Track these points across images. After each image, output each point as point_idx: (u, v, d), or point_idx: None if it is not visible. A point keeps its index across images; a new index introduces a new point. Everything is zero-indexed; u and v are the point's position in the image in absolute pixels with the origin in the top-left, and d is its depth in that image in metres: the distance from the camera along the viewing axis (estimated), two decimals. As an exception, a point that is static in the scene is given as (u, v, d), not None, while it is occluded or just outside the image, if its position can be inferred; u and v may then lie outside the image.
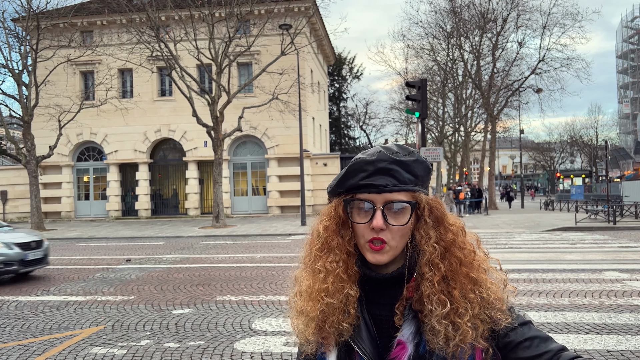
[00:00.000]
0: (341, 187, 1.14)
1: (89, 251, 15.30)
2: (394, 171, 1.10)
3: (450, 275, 1.08)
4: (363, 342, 1.10)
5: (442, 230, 1.11)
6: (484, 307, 1.07)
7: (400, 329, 1.09)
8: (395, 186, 1.09)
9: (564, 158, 69.69)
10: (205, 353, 5.38)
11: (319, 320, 1.13)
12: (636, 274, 9.06)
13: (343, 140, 50.84)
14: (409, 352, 1.07)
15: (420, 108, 14.24)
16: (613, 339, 5.46)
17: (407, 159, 1.11)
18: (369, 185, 1.09)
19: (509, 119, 42.50)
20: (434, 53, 34.92)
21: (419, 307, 1.09)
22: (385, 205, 1.08)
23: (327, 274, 1.12)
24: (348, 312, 1.11)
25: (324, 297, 1.12)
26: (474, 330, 1.05)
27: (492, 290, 1.09)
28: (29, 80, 23.35)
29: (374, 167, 1.10)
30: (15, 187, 30.11)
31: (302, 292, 1.17)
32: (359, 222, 1.10)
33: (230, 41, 21.50)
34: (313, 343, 1.15)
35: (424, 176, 1.13)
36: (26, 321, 6.92)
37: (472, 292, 1.07)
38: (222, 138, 22.13)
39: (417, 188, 1.11)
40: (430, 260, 1.08)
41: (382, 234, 1.08)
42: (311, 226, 1.22)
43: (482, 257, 1.14)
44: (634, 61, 56.04)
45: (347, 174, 1.13)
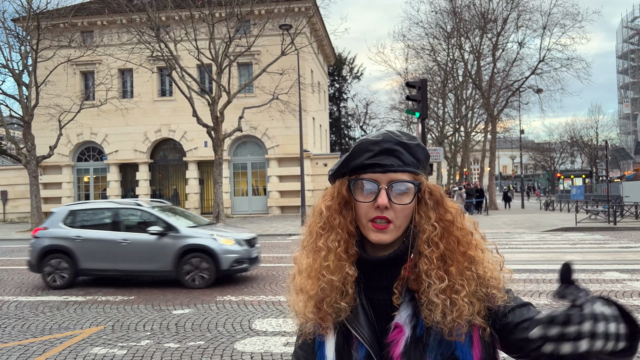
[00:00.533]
0: (345, 167, 1.15)
1: (89, 251, 15.27)
2: (398, 152, 1.12)
3: (448, 254, 1.10)
4: (361, 326, 1.11)
5: (441, 211, 1.13)
6: (481, 285, 1.09)
7: (398, 312, 1.10)
8: (400, 167, 1.11)
9: (564, 158, 69.64)
10: (206, 353, 5.38)
11: (318, 298, 1.14)
12: (636, 275, 9.05)
13: (343, 141, 50.85)
14: (406, 335, 1.08)
15: (420, 108, 14.23)
16: (613, 340, 5.45)
17: (410, 142, 1.14)
18: (374, 165, 1.11)
19: (509, 119, 42.49)
20: (434, 53, 34.92)
21: (415, 287, 1.10)
22: (389, 185, 1.10)
23: (328, 252, 1.14)
24: (346, 291, 1.12)
25: (325, 274, 1.13)
26: (471, 307, 1.06)
27: (489, 268, 1.11)
28: (29, 80, 23.35)
29: (379, 147, 1.12)
30: (16, 187, 30.12)
31: (301, 271, 1.19)
32: (362, 201, 1.12)
33: (230, 41, 21.50)
34: (312, 321, 1.16)
35: (424, 161, 1.16)
36: (26, 321, 6.92)
37: (469, 270, 1.09)
38: (222, 138, 22.13)
39: (419, 171, 1.14)
40: (429, 238, 1.10)
41: (386, 213, 1.09)
42: (313, 206, 1.23)
43: (479, 239, 1.16)
44: (635, 61, 56.04)
45: (352, 154, 1.15)
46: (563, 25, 31.54)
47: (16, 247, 16.90)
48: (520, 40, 33.13)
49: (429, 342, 1.07)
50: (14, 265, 12.59)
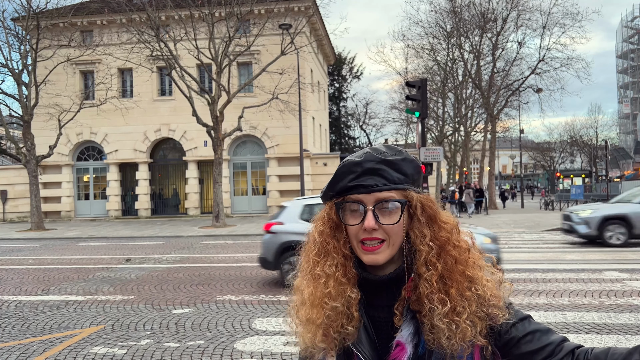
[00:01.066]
0: (332, 191, 1.14)
1: (89, 251, 15.30)
2: (382, 170, 1.09)
3: (447, 275, 1.08)
4: (362, 345, 1.10)
5: (435, 228, 1.11)
6: (481, 305, 1.08)
7: (399, 330, 1.09)
8: (385, 185, 1.09)
9: (563, 158, 69.67)
10: (205, 353, 5.38)
11: (326, 326, 1.12)
12: (636, 274, 9.06)
13: (343, 140, 50.83)
14: (408, 353, 1.07)
15: (420, 108, 14.23)
16: (613, 339, 5.46)
17: (395, 158, 1.11)
18: (358, 187, 1.09)
19: (509, 119, 42.52)
20: (434, 53, 34.91)
21: (417, 308, 1.09)
22: (375, 205, 1.08)
23: (327, 279, 1.12)
24: (352, 315, 1.11)
25: (327, 301, 1.11)
26: (473, 328, 1.05)
27: (488, 287, 1.09)
28: (29, 79, 23.34)
29: (361, 168, 1.10)
30: (15, 187, 30.10)
31: (304, 301, 1.16)
32: (351, 224, 1.10)
33: (230, 41, 21.50)
34: (322, 351, 1.14)
35: (414, 175, 1.13)
36: (26, 321, 6.92)
37: (469, 290, 1.07)
38: (222, 138, 22.13)
39: (408, 186, 1.11)
40: (427, 259, 1.08)
41: (375, 234, 1.08)
42: (307, 233, 1.22)
43: (477, 255, 1.14)
44: (634, 61, 56.04)
45: (335, 177, 1.13)
46: (563, 25, 31.59)
47: (16, 247, 16.91)
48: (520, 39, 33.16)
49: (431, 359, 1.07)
50: (13, 264, 12.59)
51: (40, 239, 19.51)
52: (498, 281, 1.13)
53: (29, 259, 13.56)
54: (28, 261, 13.18)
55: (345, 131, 51.48)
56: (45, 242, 18.40)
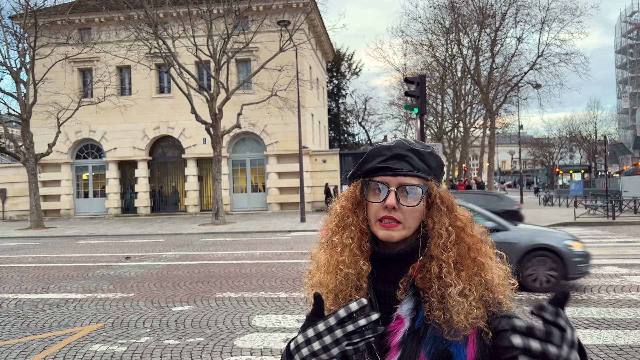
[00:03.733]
0: (360, 170, 1.23)
1: (89, 249, 15.30)
2: (409, 158, 1.18)
3: (459, 260, 1.16)
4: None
5: (452, 217, 1.19)
6: (488, 290, 1.15)
7: (400, 304, 1.16)
8: (410, 171, 1.17)
9: (563, 153, 69.64)
10: (205, 350, 5.39)
11: (337, 291, 1.20)
12: (635, 269, 9.08)
13: (342, 137, 50.82)
14: (405, 326, 1.14)
15: (419, 104, 14.21)
16: (612, 334, 5.47)
17: (423, 150, 1.21)
18: (385, 168, 1.18)
19: (508, 115, 42.49)
20: (433, 49, 34.89)
21: (421, 285, 1.16)
22: (398, 188, 1.16)
23: (343, 248, 1.21)
24: (360, 285, 1.19)
25: (341, 268, 1.19)
26: (477, 310, 1.12)
27: (497, 275, 1.17)
28: (27, 77, 23.29)
29: (391, 152, 1.19)
30: (14, 185, 30.08)
31: (319, 267, 1.25)
32: (373, 202, 1.18)
33: (228, 38, 21.45)
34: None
35: (437, 169, 1.21)
36: (26, 319, 6.92)
37: (477, 276, 1.15)
38: (221, 135, 22.11)
39: (430, 177, 1.19)
40: (445, 243, 1.16)
41: (394, 213, 1.15)
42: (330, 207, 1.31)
43: (488, 247, 1.22)
44: (633, 56, 56.01)
45: (366, 158, 1.23)
46: (561, 20, 31.53)
47: (15, 245, 16.91)
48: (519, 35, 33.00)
49: (425, 335, 1.13)
50: (13, 263, 12.59)
51: (40, 237, 19.51)
52: (507, 275, 1.20)
53: (29, 257, 13.56)
54: (28, 259, 13.18)
55: (344, 128, 51.46)
56: (44, 240, 18.40)
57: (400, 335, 1.14)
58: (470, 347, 1.12)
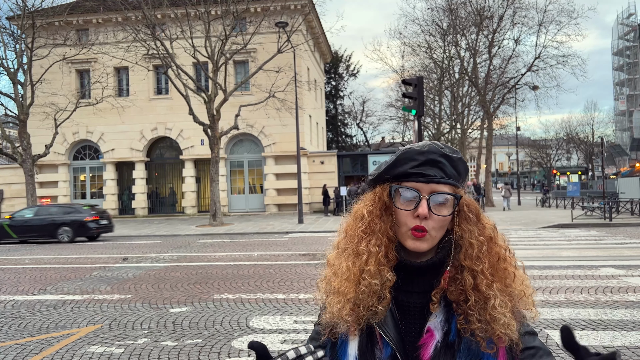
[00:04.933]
0: (388, 174, 1.17)
1: (86, 250, 15.27)
2: (442, 164, 1.13)
3: (492, 271, 1.13)
4: (388, 327, 1.14)
5: (480, 227, 1.16)
6: (517, 302, 1.13)
7: (432, 317, 1.13)
8: (442, 178, 1.13)
9: (560, 155, 69.71)
10: (203, 351, 5.38)
11: (355, 301, 1.14)
12: (632, 270, 9.10)
13: (340, 138, 50.82)
14: (436, 339, 1.11)
15: (416, 106, 14.23)
16: (609, 335, 5.48)
17: (454, 156, 1.16)
18: (417, 174, 1.13)
19: (506, 116, 42.55)
20: (431, 50, 34.92)
21: (454, 298, 1.13)
22: (430, 196, 1.11)
23: (369, 256, 1.15)
24: (384, 295, 1.13)
25: (365, 277, 1.13)
26: (513, 321, 1.10)
27: (525, 285, 1.15)
28: (25, 78, 23.24)
29: (424, 158, 1.13)
30: (12, 186, 30.02)
31: (338, 274, 1.18)
32: (403, 209, 1.13)
33: (226, 39, 21.46)
34: (347, 324, 1.16)
35: (464, 175, 1.18)
36: (23, 320, 6.91)
37: (510, 287, 1.13)
38: (219, 136, 22.10)
39: (460, 184, 1.16)
40: (477, 254, 1.13)
41: (424, 223, 1.10)
42: (352, 209, 1.24)
43: (512, 255, 1.19)
44: (630, 58, 56.18)
45: (397, 161, 1.16)
46: (559, 22, 31.63)
47: (12, 247, 16.87)
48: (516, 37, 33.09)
49: (459, 348, 1.11)
50: (10, 264, 12.56)
51: (37, 238, 19.44)
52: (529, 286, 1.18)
53: (26, 259, 13.53)
54: (25, 261, 13.15)
55: (342, 129, 51.47)
56: (41, 241, 18.35)
57: (432, 349, 1.11)
58: (500, 358, 1.11)
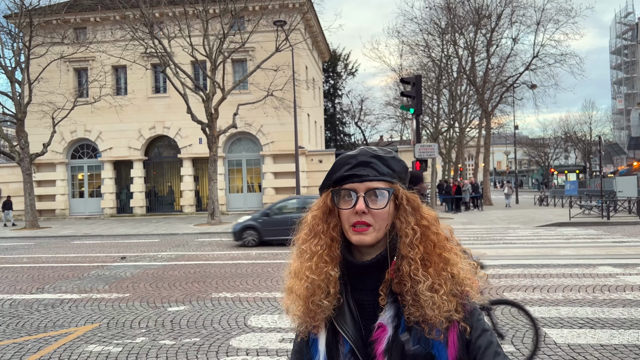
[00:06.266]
0: (329, 180, 1.29)
1: (84, 249, 15.26)
2: (373, 164, 1.25)
3: (426, 257, 1.21)
4: (346, 324, 1.23)
5: (418, 217, 1.25)
6: (455, 284, 1.21)
7: (382, 312, 1.21)
8: (375, 176, 1.23)
9: (558, 154, 69.86)
10: (201, 350, 5.38)
11: (304, 297, 1.25)
12: (629, 269, 9.12)
13: (338, 137, 50.82)
14: (388, 333, 1.19)
15: (415, 104, 14.24)
16: (606, 333, 5.49)
17: (386, 155, 1.27)
18: (352, 176, 1.24)
19: (504, 115, 42.60)
20: (429, 49, 34.88)
21: (398, 289, 1.21)
22: (366, 193, 1.22)
23: (311, 255, 1.26)
24: (329, 291, 1.23)
25: (308, 275, 1.25)
26: (449, 304, 1.18)
27: (463, 269, 1.23)
28: (22, 77, 23.20)
29: (356, 160, 1.26)
30: (9, 185, 29.95)
31: (290, 273, 1.33)
32: (344, 208, 1.24)
33: (224, 38, 21.43)
34: (301, 319, 1.28)
35: (401, 172, 1.28)
36: (21, 319, 6.90)
37: (444, 271, 1.21)
38: (217, 135, 22.08)
39: (395, 180, 1.25)
40: (411, 241, 1.22)
41: (365, 218, 1.21)
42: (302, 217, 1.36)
43: (453, 245, 1.28)
44: (628, 57, 56.24)
45: (333, 168, 1.29)
46: (557, 21, 31.62)
47: (10, 245, 16.84)
48: (514, 36, 33.07)
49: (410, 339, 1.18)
50: (8, 263, 12.54)
51: (35, 237, 19.44)
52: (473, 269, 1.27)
53: (24, 258, 13.51)
54: (22, 260, 13.14)
55: (340, 128, 51.46)
56: (39, 240, 18.34)
57: (385, 343, 1.18)
58: (451, 347, 1.18)
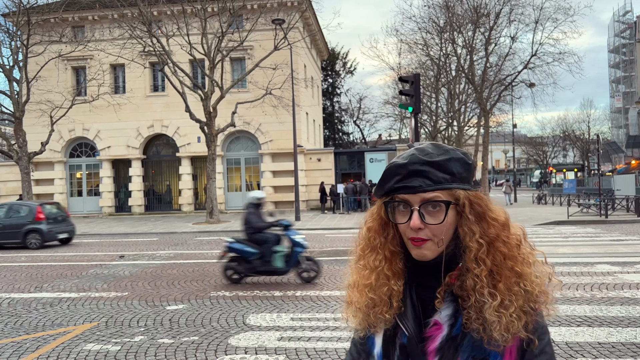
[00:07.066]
0: (381, 190, 1.19)
1: (82, 248, 15.24)
2: (426, 172, 1.13)
3: (495, 270, 1.11)
4: (407, 319, 1.17)
5: (485, 225, 1.14)
6: (528, 300, 1.11)
7: (439, 310, 1.15)
8: (429, 186, 1.12)
9: (556, 152, 69.89)
10: (200, 348, 5.38)
11: (365, 311, 1.21)
12: (627, 267, 9.14)
13: (337, 136, 50.79)
14: (443, 332, 1.13)
15: (413, 103, 14.23)
16: (604, 332, 5.51)
17: (440, 159, 1.14)
18: (404, 188, 1.14)
19: (502, 114, 42.58)
20: (427, 48, 34.86)
21: (459, 293, 1.14)
22: (421, 205, 1.12)
23: (370, 271, 1.21)
24: (392, 304, 1.18)
25: (367, 292, 1.20)
26: (519, 322, 1.09)
27: (537, 283, 1.13)
28: (20, 76, 23.13)
29: (406, 170, 1.14)
30: (7, 184, 29.92)
31: (350, 285, 1.26)
32: (399, 222, 1.16)
33: (223, 36, 21.40)
34: (362, 330, 1.24)
35: (462, 173, 1.15)
36: (19, 318, 6.89)
37: (517, 285, 1.11)
38: (216, 133, 22.06)
39: (454, 185, 1.13)
40: (476, 256, 1.12)
41: (421, 233, 1.12)
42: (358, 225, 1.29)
43: (527, 250, 1.17)
44: (626, 55, 56.31)
45: (383, 178, 1.18)
46: (555, 20, 31.58)
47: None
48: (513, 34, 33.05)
49: (463, 342, 1.12)
50: (6, 262, 12.53)
51: (33, 236, 19.38)
52: (547, 277, 1.16)
53: (22, 256, 13.50)
54: (21, 258, 13.12)
55: (338, 126, 51.43)
56: (38, 239, 18.29)
57: (438, 342, 1.13)
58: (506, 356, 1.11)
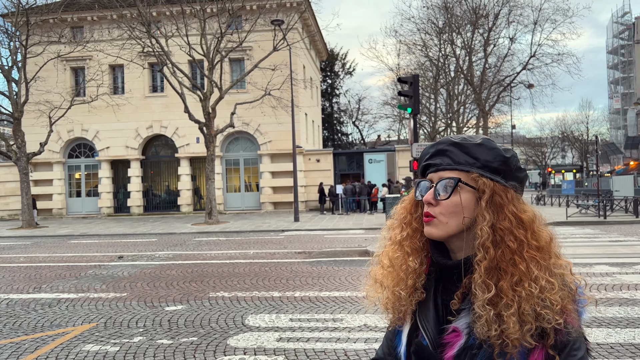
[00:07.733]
0: (418, 170, 1.26)
1: (81, 248, 15.23)
2: (449, 152, 1.15)
3: (503, 265, 1.07)
4: (427, 321, 1.16)
5: (500, 216, 1.10)
6: (535, 304, 1.03)
7: (457, 316, 1.11)
8: (449, 165, 1.14)
9: (555, 153, 70.00)
10: (199, 349, 5.38)
11: (390, 287, 1.22)
12: (626, 268, 9.14)
13: (336, 136, 50.80)
14: (462, 340, 1.09)
15: (412, 104, 14.25)
16: (603, 332, 5.51)
17: (468, 142, 1.15)
18: (429, 165, 1.19)
19: (501, 115, 42.64)
20: (426, 49, 34.91)
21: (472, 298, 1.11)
22: (438, 182, 1.15)
23: (392, 243, 1.25)
24: (407, 282, 1.19)
25: (385, 262, 1.24)
26: (520, 326, 1.03)
27: (548, 289, 1.04)
28: (19, 76, 23.13)
29: (434, 149, 1.19)
30: (6, 185, 29.89)
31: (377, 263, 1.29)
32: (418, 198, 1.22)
33: (221, 37, 21.41)
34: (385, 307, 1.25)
35: (492, 162, 1.12)
36: (18, 319, 6.88)
37: (522, 287, 1.05)
38: (215, 134, 22.06)
39: (475, 170, 1.12)
40: (482, 243, 1.09)
41: (431, 209, 1.14)
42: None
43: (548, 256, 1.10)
44: (624, 56, 56.40)
45: (419, 159, 1.25)
46: (554, 21, 31.69)
47: (7, 245, 16.80)
48: (512, 35, 33.13)
49: (479, 353, 1.06)
50: (4, 262, 12.51)
51: (32, 236, 19.40)
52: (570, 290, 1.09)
53: (21, 257, 13.48)
54: (19, 259, 13.11)
55: (338, 127, 51.44)
56: (36, 239, 18.30)
57: (456, 349, 1.09)
58: None
